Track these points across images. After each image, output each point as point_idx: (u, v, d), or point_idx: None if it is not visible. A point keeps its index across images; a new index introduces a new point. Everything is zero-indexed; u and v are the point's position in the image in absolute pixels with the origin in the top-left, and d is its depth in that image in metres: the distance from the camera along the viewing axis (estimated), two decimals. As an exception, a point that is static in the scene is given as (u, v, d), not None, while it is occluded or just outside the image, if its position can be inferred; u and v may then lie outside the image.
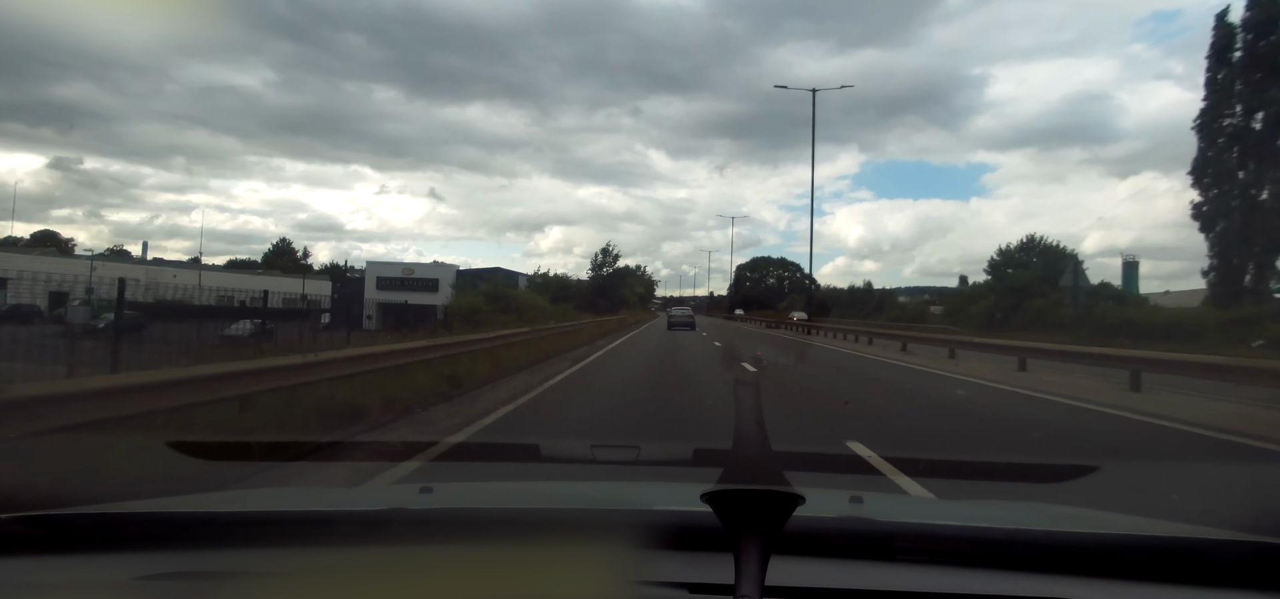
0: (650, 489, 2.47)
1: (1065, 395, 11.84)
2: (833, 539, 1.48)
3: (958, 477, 3.61)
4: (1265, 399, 9.81)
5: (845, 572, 1.40)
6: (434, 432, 7.45)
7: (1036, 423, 9.23)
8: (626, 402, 10.87)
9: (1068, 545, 1.52)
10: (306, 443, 5.80)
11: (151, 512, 1.82)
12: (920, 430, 8.69)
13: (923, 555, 1.45)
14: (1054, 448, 7.49)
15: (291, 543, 1.53)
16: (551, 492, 2.43)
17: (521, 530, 1.55)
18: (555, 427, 8.51)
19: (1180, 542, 1.54)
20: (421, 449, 5.99)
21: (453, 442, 7.02)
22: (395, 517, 1.67)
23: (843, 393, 11.96)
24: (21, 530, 1.50)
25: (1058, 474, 3.50)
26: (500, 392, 11.30)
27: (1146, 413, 9.86)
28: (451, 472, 4.69)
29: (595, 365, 17.07)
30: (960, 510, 1.97)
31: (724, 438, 1.37)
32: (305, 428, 6.71)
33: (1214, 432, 8.36)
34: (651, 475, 3.10)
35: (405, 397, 9.14)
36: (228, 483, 3.97)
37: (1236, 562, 1.45)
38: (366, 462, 5.48)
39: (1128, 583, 1.40)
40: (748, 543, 1.11)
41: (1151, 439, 8.18)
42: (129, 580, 1.39)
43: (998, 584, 1.38)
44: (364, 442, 6.62)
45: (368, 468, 5.20)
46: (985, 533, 1.58)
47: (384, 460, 5.44)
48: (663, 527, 1.44)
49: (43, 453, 4.79)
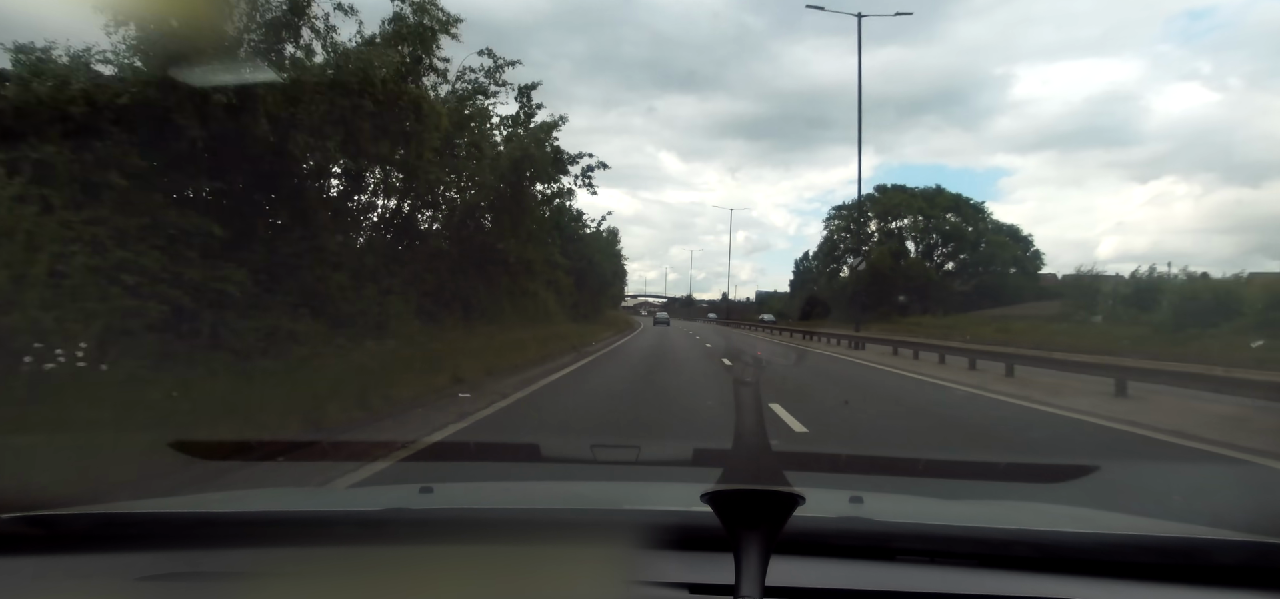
0: (650, 489, 2.47)
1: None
2: (833, 539, 1.48)
3: (957, 476, 3.61)
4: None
5: (845, 572, 1.41)
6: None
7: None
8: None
9: (1068, 545, 1.52)
10: (307, 442, 5.80)
11: (152, 512, 1.82)
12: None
13: (923, 555, 1.45)
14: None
15: (291, 543, 1.53)
16: (551, 492, 2.43)
17: (522, 531, 1.56)
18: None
19: (1180, 542, 1.55)
20: (421, 448, 5.98)
21: (452, 441, 7.02)
22: (395, 517, 1.67)
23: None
24: (22, 530, 1.50)
25: (1057, 474, 3.50)
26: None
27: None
28: (452, 471, 4.69)
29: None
30: (960, 510, 1.97)
31: (723, 438, 1.36)
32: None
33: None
34: (651, 475, 3.09)
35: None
36: (228, 483, 3.97)
37: (1236, 562, 1.45)
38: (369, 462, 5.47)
39: (1128, 583, 1.40)
40: (748, 543, 1.11)
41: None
42: (130, 580, 1.39)
43: (998, 584, 1.38)
44: (358, 441, 6.62)
45: (368, 468, 5.20)
46: (985, 533, 1.59)
47: (382, 460, 5.44)
48: (663, 527, 1.45)
49: (43, 453, 4.79)
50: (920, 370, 17.48)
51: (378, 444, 6.15)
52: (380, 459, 5.47)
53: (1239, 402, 9.93)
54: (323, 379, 8.66)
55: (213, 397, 7.02)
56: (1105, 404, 10.85)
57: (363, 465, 5.26)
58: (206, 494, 3.27)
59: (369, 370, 9.65)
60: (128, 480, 4.40)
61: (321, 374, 8.96)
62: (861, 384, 14.81)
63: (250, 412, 6.88)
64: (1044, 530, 1.66)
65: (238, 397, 7.19)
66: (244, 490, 3.59)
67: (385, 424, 7.89)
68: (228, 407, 6.80)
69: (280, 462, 4.86)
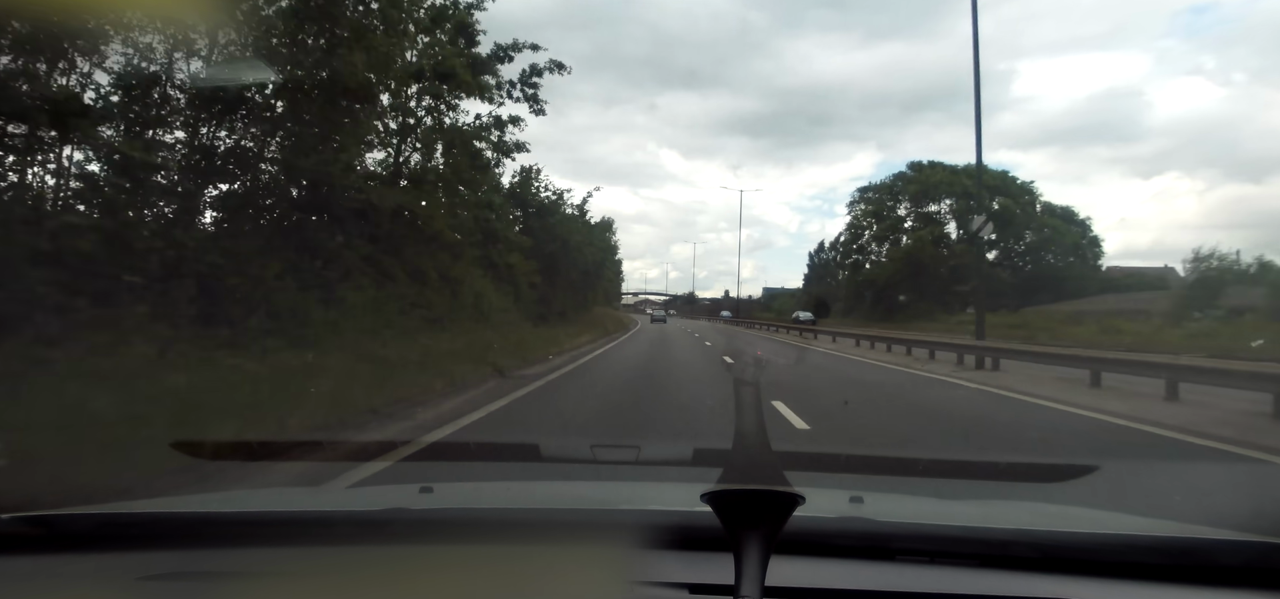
0: (650, 489, 2.47)
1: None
2: (833, 539, 1.48)
3: (957, 476, 3.61)
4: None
5: (845, 572, 1.41)
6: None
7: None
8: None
9: (1068, 545, 1.52)
10: (307, 442, 5.79)
11: (152, 512, 1.82)
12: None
13: (923, 555, 1.45)
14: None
15: (291, 543, 1.53)
16: (551, 492, 2.43)
17: (521, 531, 1.56)
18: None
19: (1180, 542, 1.55)
20: (421, 448, 5.98)
21: (452, 440, 7.01)
22: (395, 517, 1.67)
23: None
24: (22, 530, 1.50)
25: (1058, 474, 3.50)
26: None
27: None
28: (452, 471, 4.69)
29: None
30: (960, 510, 1.97)
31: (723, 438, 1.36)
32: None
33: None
34: (651, 475, 3.09)
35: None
36: (228, 483, 3.96)
37: (1236, 562, 1.45)
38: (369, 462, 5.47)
39: (1128, 583, 1.40)
40: (748, 543, 1.11)
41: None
42: (130, 580, 1.39)
43: (998, 584, 1.38)
44: (357, 440, 6.61)
45: (368, 467, 5.19)
46: (985, 533, 1.59)
47: (382, 460, 5.44)
48: (663, 527, 1.44)
49: (43, 453, 4.79)
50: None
51: (377, 444, 6.14)
52: (380, 459, 5.46)
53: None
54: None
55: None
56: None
57: (362, 465, 5.25)
58: (206, 494, 3.27)
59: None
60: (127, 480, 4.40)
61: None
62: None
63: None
64: (1044, 530, 1.66)
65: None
66: (244, 490, 3.59)
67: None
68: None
69: (280, 461, 4.86)
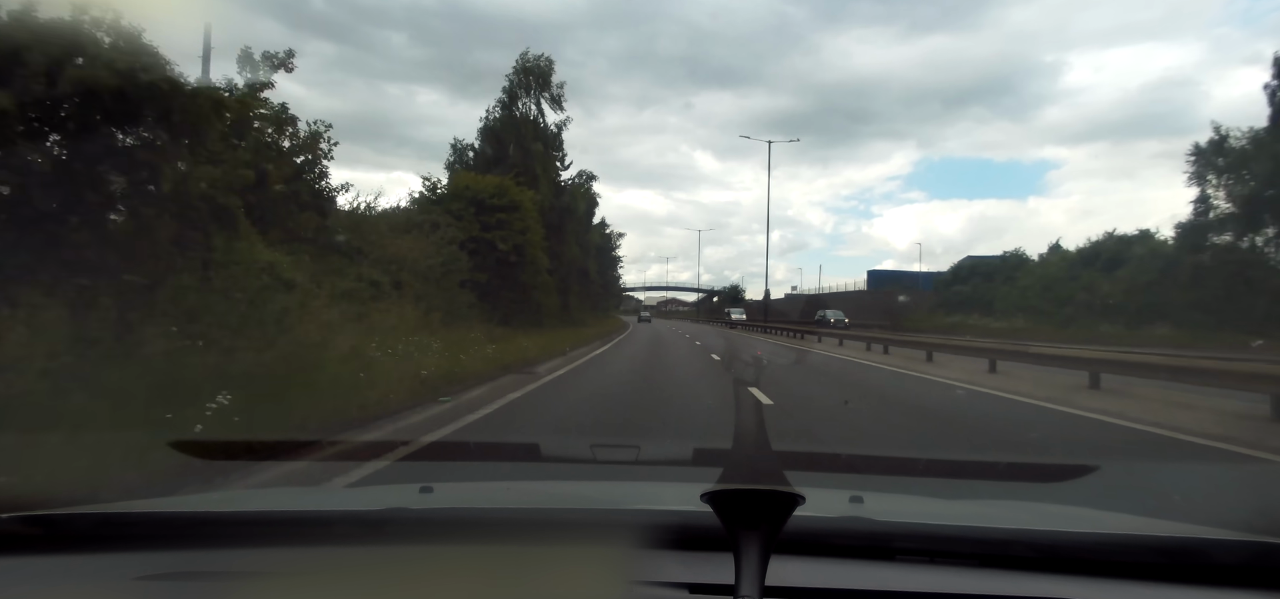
0: (650, 489, 2.47)
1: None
2: (833, 539, 1.48)
3: (957, 476, 3.61)
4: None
5: (845, 572, 1.40)
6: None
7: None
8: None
9: (1068, 545, 1.52)
10: (308, 442, 5.80)
11: (151, 512, 1.82)
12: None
13: (923, 555, 1.45)
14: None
15: (291, 543, 1.53)
16: (551, 492, 2.43)
17: (521, 531, 1.55)
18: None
19: (1180, 542, 1.55)
20: (420, 447, 5.98)
21: (452, 440, 7.01)
22: (395, 517, 1.67)
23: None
24: (21, 530, 1.50)
25: (1057, 474, 3.50)
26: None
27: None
28: (451, 471, 4.69)
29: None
30: (960, 510, 1.97)
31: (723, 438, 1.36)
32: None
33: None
34: (651, 475, 3.09)
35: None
36: (228, 483, 3.97)
37: (1236, 562, 1.45)
38: (368, 461, 5.47)
39: (1128, 583, 1.40)
40: (748, 543, 1.11)
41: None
42: (129, 580, 1.39)
43: (998, 584, 1.38)
44: (355, 439, 6.62)
45: (368, 467, 5.20)
46: (985, 533, 1.59)
47: (381, 459, 5.44)
48: (663, 527, 1.44)
49: (43, 453, 4.79)
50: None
51: (376, 444, 6.15)
52: (379, 459, 5.47)
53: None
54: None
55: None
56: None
57: (362, 465, 5.26)
58: (206, 494, 3.27)
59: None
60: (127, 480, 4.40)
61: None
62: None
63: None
64: (1044, 530, 1.66)
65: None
66: (244, 490, 3.59)
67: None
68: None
69: (279, 461, 4.86)
